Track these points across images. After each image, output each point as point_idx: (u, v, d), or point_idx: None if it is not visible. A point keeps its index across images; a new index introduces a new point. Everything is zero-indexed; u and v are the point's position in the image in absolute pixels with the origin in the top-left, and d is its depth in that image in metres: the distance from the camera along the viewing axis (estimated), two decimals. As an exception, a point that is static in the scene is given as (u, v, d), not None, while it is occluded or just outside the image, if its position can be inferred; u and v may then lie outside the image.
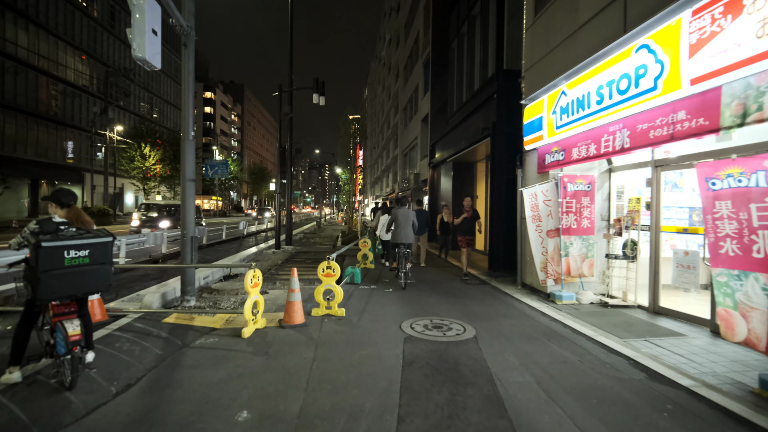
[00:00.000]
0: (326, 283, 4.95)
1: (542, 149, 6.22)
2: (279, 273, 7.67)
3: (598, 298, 5.88)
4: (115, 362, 3.34)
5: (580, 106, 5.01)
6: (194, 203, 5.09)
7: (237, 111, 79.38)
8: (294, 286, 4.55)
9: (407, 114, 23.86)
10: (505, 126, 8.20)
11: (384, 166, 37.21)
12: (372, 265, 8.88)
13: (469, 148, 10.38)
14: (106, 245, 2.88)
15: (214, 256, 10.81)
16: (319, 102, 12.04)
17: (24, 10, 28.84)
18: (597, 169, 6.13)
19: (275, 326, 4.49)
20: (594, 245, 6.08)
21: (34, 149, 30.33)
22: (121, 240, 8.55)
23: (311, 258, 9.92)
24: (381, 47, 42.07)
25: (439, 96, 15.00)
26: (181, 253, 5.05)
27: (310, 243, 15.05)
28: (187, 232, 5.01)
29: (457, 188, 12.53)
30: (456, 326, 4.55)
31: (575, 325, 4.66)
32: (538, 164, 6.39)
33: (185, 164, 5.01)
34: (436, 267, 9.33)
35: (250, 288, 4.19)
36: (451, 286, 7.07)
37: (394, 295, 6.23)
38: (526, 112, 6.52)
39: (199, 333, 4.21)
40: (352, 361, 3.49)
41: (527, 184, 6.82)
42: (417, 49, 20.46)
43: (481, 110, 9.50)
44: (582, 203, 6.02)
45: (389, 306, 5.50)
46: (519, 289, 6.86)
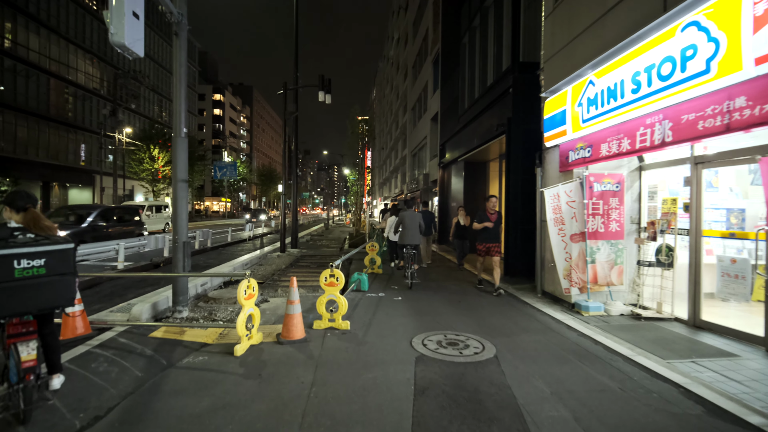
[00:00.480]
0: (329, 294, 4.51)
1: (565, 146, 5.70)
2: (282, 279, 7.27)
3: (629, 309, 5.33)
4: (87, 387, 2.94)
5: (612, 96, 4.49)
6: (186, 205, 4.70)
7: (246, 113, 79.78)
8: (293, 297, 4.12)
9: (416, 113, 23.38)
10: (522, 122, 7.68)
11: (392, 167, 36.76)
12: (380, 269, 8.43)
13: (482, 146, 9.86)
14: (66, 253, 2.48)
15: (217, 260, 10.48)
16: (325, 100, 11.64)
17: (35, 14, 29.15)
18: (626, 167, 5.59)
19: (272, 341, 4.06)
20: (623, 251, 5.53)
21: (45, 151, 30.61)
22: (120, 243, 8.24)
23: (317, 262, 9.51)
24: (389, 47, 41.66)
25: (449, 93, 14.50)
26: (173, 260, 4.66)
27: (317, 246, 14.66)
28: (179, 237, 4.62)
29: (469, 189, 12.01)
30: (473, 343, 4.06)
31: (608, 342, 4.13)
32: (561, 162, 5.87)
33: (177, 164, 4.62)
34: (449, 273, 8.83)
35: (243, 300, 3.77)
36: (464, 294, 6.58)
37: (404, 304, 5.76)
38: (547, 105, 6.01)
39: (188, 350, 3.80)
40: (356, 387, 3.04)
41: (548, 183, 6.30)
42: (426, 47, 19.98)
43: (495, 106, 8.99)
44: (610, 204, 5.49)
45: (398, 317, 5.04)
46: (539, 297, 6.33)
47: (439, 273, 8.64)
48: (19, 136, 28.26)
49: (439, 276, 8.26)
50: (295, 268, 8.49)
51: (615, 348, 3.97)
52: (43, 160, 30.15)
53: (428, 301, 5.95)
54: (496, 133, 8.64)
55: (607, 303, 5.46)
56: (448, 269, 9.19)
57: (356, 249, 11.35)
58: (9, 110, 27.26)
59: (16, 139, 28.04)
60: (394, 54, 36.68)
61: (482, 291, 6.81)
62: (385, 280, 7.72)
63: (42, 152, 30.29)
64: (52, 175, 31.60)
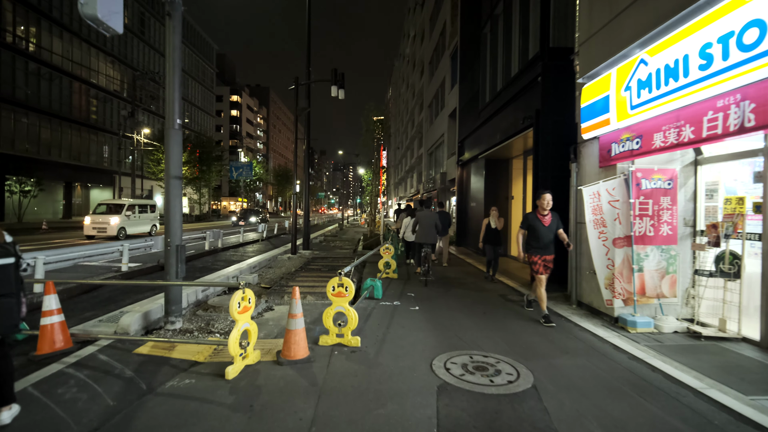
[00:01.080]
0: (337, 305, 3.96)
1: (607, 137, 5.00)
2: (289, 284, 6.78)
3: (684, 325, 4.59)
4: (44, 422, 2.47)
5: (671, 75, 3.78)
6: (181, 204, 4.23)
7: (263, 114, 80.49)
8: (295, 309, 3.58)
9: (433, 111, 22.70)
10: (552, 113, 6.99)
11: (408, 167, 36.12)
12: (395, 274, 7.85)
13: (505, 142, 9.17)
14: (5, 270, 2.00)
15: (226, 262, 10.11)
16: (338, 95, 11.14)
17: (59, 18, 29.80)
18: (679, 162, 4.85)
19: (271, 361, 3.54)
20: (676, 258, 4.80)
21: (68, 152, 31.29)
22: (124, 245, 7.93)
23: (328, 265, 9.02)
24: (404, 45, 41.05)
25: (468, 88, 13.80)
26: (165, 265, 4.20)
27: (330, 247, 14.19)
28: (171, 241, 4.16)
29: (490, 188, 11.30)
30: (505, 367, 3.44)
31: (668, 369, 3.44)
32: (601, 156, 5.17)
33: (170, 158, 4.16)
34: (473, 281, 8.17)
35: (236, 314, 3.26)
36: (489, 304, 5.93)
37: (422, 315, 5.16)
38: (585, 92, 5.31)
39: (175, 370, 3.31)
40: (366, 427, 2.47)
41: (585, 181, 5.60)
42: (443, 41, 19.29)
43: (520, 98, 8.29)
44: (661, 204, 4.76)
45: (416, 332, 4.45)
46: (574, 309, 5.63)
47: (460, 280, 8.00)
48: (42, 137, 28.94)
49: (460, 283, 7.62)
50: (305, 272, 8.00)
51: (679, 377, 3.28)
52: (66, 161, 30.81)
53: (449, 313, 5.33)
54: (522, 127, 7.94)
55: (657, 318, 4.73)
56: (471, 276, 8.53)
57: (370, 251, 10.81)
58: (33, 112, 27.93)
59: (40, 141, 28.71)
60: (410, 51, 36.06)
61: (509, 301, 6.14)
62: (401, 286, 7.14)
63: (65, 153, 30.97)
64: (74, 176, 32.29)
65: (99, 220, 15.03)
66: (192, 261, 10.06)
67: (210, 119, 55.47)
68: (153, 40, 41.82)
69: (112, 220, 15.02)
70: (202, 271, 8.50)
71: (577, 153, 5.82)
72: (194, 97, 50.26)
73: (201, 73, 52.51)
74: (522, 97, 8.18)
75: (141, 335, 4.13)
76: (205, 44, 53.67)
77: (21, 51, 26.97)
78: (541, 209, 5.00)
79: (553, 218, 4.98)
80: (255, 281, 7.24)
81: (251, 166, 42.25)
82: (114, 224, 14.92)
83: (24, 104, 27.17)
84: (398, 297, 6.22)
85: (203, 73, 53.21)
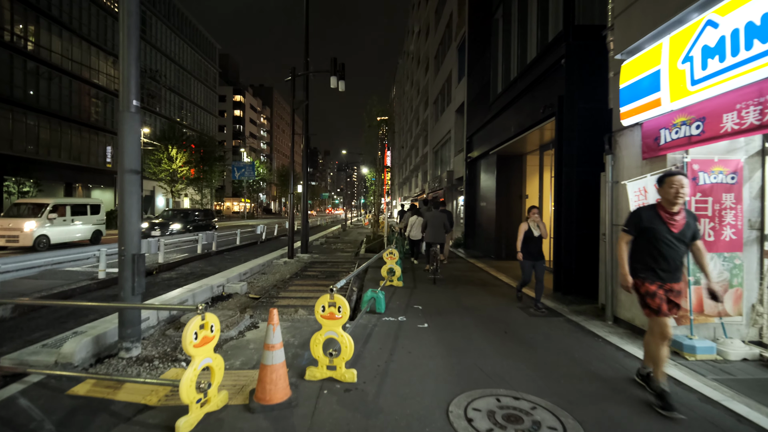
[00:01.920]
0: (328, 329, 3.17)
1: (654, 123, 4.16)
2: (280, 295, 6.02)
3: (756, 351, 3.75)
4: None
5: (757, 35, 2.95)
6: (138, 204, 3.47)
7: (266, 114, 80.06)
8: (272, 339, 2.80)
9: (438, 107, 21.86)
10: (578, 100, 6.16)
11: (413, 166, 35.30)
12: (400, 282, 7.06)
13: (521, 135, 8.34)
14: None
15: (216, 267, 9.37)
16: (338, 87, 10.36)
17: (58, 17, 29.36)
18: (743, 151, 4.01)
19: (241, 405, 2.76)
20: (741, 267, 3.96)
21: (67, 153, 30.85)
22: (102, 250, 7.20)
23: (326, 271, 8.24)
24: (409, 42, 40.24)
25: (477, 80, 12.97)
26: (119, 280, 3.43)
27: (331, 250, 13.42)
28: (126, 249, 3.39)
29: (503, 186, 10.46)
30: (545, 417, 2.63)
31: (758, 418, 2.61)
32: (645, 146, 4.33)
33: (124, 148, 3.39)
34: (491, 291, 7.36)
35: (192, 348, 2.47)
36: (509, 319, 5.11)
37: (432, 335, 4.36)
38: (625, 70, 4.48)
39: (114, 419, 2.55)
40: None
41: (622, 175, 4.77)
42: (449, 33, 18.46)
43: (538, 86, 7.46)
44: (722, 203, 3.93)
45: (426, 359, 3.65)
46: (610, 326, 4.79)
47: (472, 288, 7.18)
48: (41, 137, 28.50)
49: (472, 292, 6.80)
50: (300, 279, 7.23)
51: (779, 433, 2.45)
52: (65, 162, 30.36)
53: (463, 331, 4.52)
54: (541, 117, 7.11)
55: (719, 341, 3.89)
56: (485, 283, 7.71)
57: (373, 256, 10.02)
58: (32, 112, 27.49)
59: (39, 141, 28.28)
60: (414, 48, 35.25)
61: (531, 314, 5.31)
62: (407, 296, 6.34)
63: (64, 153, 30.52)
64: (75, 177, 31.85)
65: (8, 225, 11.47)
66: (180, 266, 9.34)
67: (212, 119, 55.02)
68: (155, 39, 41.38)
69: (27, 225, 11.49)
70: (188, 278, 7.76)
71: (613, 143, 4.98)
72: (195, 96, 49.82)
73: (203, 72, 52.08)
74: (541, 84, 7.35)
75: (89, 364, 3.37)
76: (207, 43, 53.24)
77: (19, 50, 26.54)
78: (668, 204, 2.89)
79: (688, 221, 2.90)
80: (243, 291, 6.48)
81: (253, 167, 41.66)
82: (29, 231, 11.49)
83: (22, 104, 26.74)
84: (404, 310, 5.42)
85: (205, 72, 52.78)
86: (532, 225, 5.52)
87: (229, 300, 5.93)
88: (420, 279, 7.83)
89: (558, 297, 6.20)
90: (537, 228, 5.51)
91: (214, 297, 6.06)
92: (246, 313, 5.06)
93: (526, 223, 5.56)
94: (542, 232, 5.48)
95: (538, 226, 5.51)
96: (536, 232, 5.49)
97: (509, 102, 9.14)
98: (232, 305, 5.61)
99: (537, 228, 5.51)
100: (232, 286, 6.41)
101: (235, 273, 7.23)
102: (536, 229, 5.50)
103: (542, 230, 5.49)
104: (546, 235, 5.49)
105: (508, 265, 9.50)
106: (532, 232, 5.48)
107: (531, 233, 5.48)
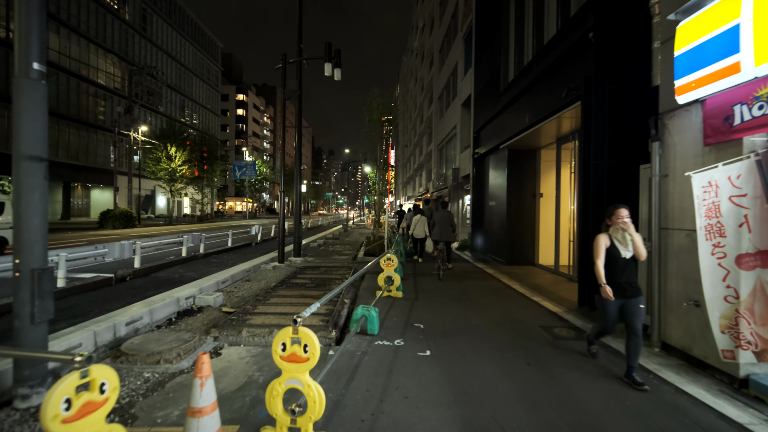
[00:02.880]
0: (290, 376, 2.27)
1: (724, 97, 3.21)
2: (256, 309, 5.12)
3: None
4: None
5: None
6: (44, 204, 2.60)
7: (269, 113, 79.51)
8: (199, 400, 1.91)
9: (443, 102, 20.91)
10: (610, 80, 5.22)
11: (417, 165, 34.36)
12: (399, 292, 6.15)
13: (537, 125, 7.40)
14: None
15: (198, 273, 8.51)
16: (334, 75, 9.47)
17: (55, 13, 28.80)
18: (844, 133, 3.05)
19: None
20: None
21: (65, 151, 30.35)
22: (60, 255, 6.35)
23: (317, 278, 7.33)
24: (413, 38, 39.31)
25: (485, 69, 12.02)
26: (14, 304, 2.56)
27: (328, 252, 12.53)
28: (23, 262, 2.51)
29: (514, 183, 9.51)
30: None
31: None
32: (709, 128, 3.38)
33: (21, 126, 2.52)
34: (497, 302, 6.43)
35: (56, 427, 1.58)
36: (528, 344, 4.18)
37: (435, 369, 3.44)
38: (683, 32, 3.52)
39: None
40: None
41: (675, 166, 3.83)
42: (455, 24, 17.51)
43: (559, 67, 6.53)
44: (821, 201, 2.97)
45: (427, 409, 2.73)
46: (659, 355, 3.84)
47: (482, 301, 6.26)
48: (38, 136, 27.98)
49: (480, 306, 5.87)
50: (285, 289, 6.34)
51: None
52: (63, 160, 29.83)
53: (475, 362, 3.60)
54: (564, 102, 6.17)
55: (817, 384, 2.94)
56: (496, 294, 6.77)
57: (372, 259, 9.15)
58: (28, 110, 26.94)
59: (35, 139, 27.75)
60: (418, 44, 34.32)
61: (557, 336, 4.37)
62: (406, 309, 5.43)
63: (62, 152, 30.00)
64: (73, 176, 31.34)
65: None
66: (158, 271, 8.50)
67: (215, 118, 54.46)
68: (156, 37, 40.82)
69: None
70: (161, 285, 6.90)
71: (660, 127, 4.03)
72: (197, 94, 49.28)
73: (205, 71, 51.53)
74: (562, 65, 6.41)
75: (-26, 417, 2.50)
76: (209, 42, 52.68)
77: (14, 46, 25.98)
78: None
79: None
80: (218, 303, 5.61)
81: (255, 166, 41.01)
82: None
83: (17, 101, 26.18)
84: (402, 330, 4.51)
85: (207, 71, 52.22)
86: (618, 238, 3.28)
87: (197, 315, 5.05)
88: (422, 286, 6.92)
89: (585, 313, 5.26)
90: (626, 242, 3.23)
91: (182, 311, 5.19)
92: (209, 335, 4.18)
93: (606, 235, 3.34)
94: (636, 250, 3.22)
95: (627, 238, 3.23)
96: (625, 251, 3.25)
97: (523, 90, 8.19)
98: (197, 322, 4.74)
99: (626, 242, 3.23)
100: (204, 298, 5.54)
101: (212, 281, 6.36)
102: (624, 246, 3.25)
103: (636, 246, 3.20)
104: (643, 255, 3.23)
105: (520, 271, 8.55)
106: (617, 250, 3.26)
107: (616, 251, 3.26)
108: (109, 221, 23.51)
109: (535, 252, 9.45)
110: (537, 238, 9.41)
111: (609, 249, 3.30)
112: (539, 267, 9.11)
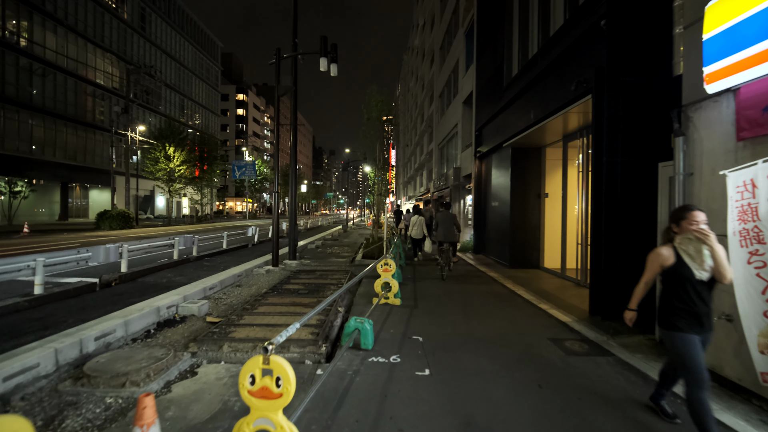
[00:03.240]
0: (259, 415, 1.91)
1: (764, 84, 2.83)
2: (242, 320, 4.75)
3: None
4: None
5: None
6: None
7: (270, 113, 79.20)
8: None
9: (444, 100, 20.52)
10: (622, 72, 4.83)
11: (417, 164, 33.97)
12: (397, 299, 5.78)
13: (543, 121, 7.02)
14: None
15: (186, 277, 8.16)
16: (329, 71, 9.10)
17: (52, 12, 28.51)
18: None
19: None
20: None
21: (63, 152, 30.05)
22: (38, 259, 5.97)
23: (312, 283, 6.96)
24: (413, 37, 38.92)
25: (488, 65, 11.63)
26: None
27: (325, 254, 12.17)
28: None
29: (518, 183, 9.12)
30: None
31: None
32: (744, 120, 3.00)
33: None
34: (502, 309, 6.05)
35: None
36: (539, 361, 3.80)
37: (435, 392, 3.07)
38: (713, 13, 3.14)
39: None
40: None
41: (702, 163, 3.44)
42: (456, 20, 17.12)
43: (567, 59, 6.14)
44: None
45: (424, 445, 2.36)
46: (684, 374, 3.45)
47: (486, 309, 5.88)
48: (35, 136, 27.70)
49: (483, 315, 5.49)
50: (276, 295, 5.97)
51: None
52: (61, 161, 29.54)
53: (480, 384, 3.22)
54: (573, 97, 5.79)
55: None
56: (501, 300, 6.39)
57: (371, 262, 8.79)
58: (25, 109, 26.67)
59: (33, 139, 27.47)
60: (419, 42, 33.93)
61: (569, 352, 3.99)
62: (405, 318, 5.06)
63: (60, 152, 29.70)
64: (71, 176, 31.04)
65: None
66: (146, 276, 8.14)
67: (215, 118, 54.19)
68: (154, 37, 40.53)
69: None
70: (146, 291, 6.55)
71: (683, 121, 3.65)
72: (197, 94, 48.99)
73: (205, 71, 51.25)
74: (570, 57, 6.03)
75: None
76: (209, 42, 52.39)
77: (11, 46, 25.71)
78: None
79: None
80: (203, 312, 5.25)
81: (254, 166, 40.63)
82: None
83: (14, 101, 25.92)
84: (399, 343, 4.14)
85: (207, 71, 51.95)
86: (691, 252, 2.36)
87: (179, 326, 4.69)
88: (422, 292, 6.54)
89: (597, 323, 4.87)
90: (702, 259, 2.32)
91: (162, 321, 4.83)
92: (188, 351, 3.81)
93: (669, 248, 2.45)
94: (718, 270, 2.31)
95: (704, 253, 2.31)
96: (699, 270, 2.34)
97: (527, 85, 7.81)
98: (177, 335, 4.37)
99: (702, 259, 2.32)
100: (188, 306, 5.18)
101: (199, 288, 6.00)
102: (699, 264, 2.33)
103: (718, 263, 2.30)
104: (727, 277, 2.31)
105: (525, 275, 8.16)
106: (688, 269, 2.36)
107: (686, 271, 2.36)
108: (106, 222, 23.20)
109: (540, 255, 9.06)
110: (542, 241, 9.02)
111: (674, 267, 2.38)
112: (544, 270, 8.72)
